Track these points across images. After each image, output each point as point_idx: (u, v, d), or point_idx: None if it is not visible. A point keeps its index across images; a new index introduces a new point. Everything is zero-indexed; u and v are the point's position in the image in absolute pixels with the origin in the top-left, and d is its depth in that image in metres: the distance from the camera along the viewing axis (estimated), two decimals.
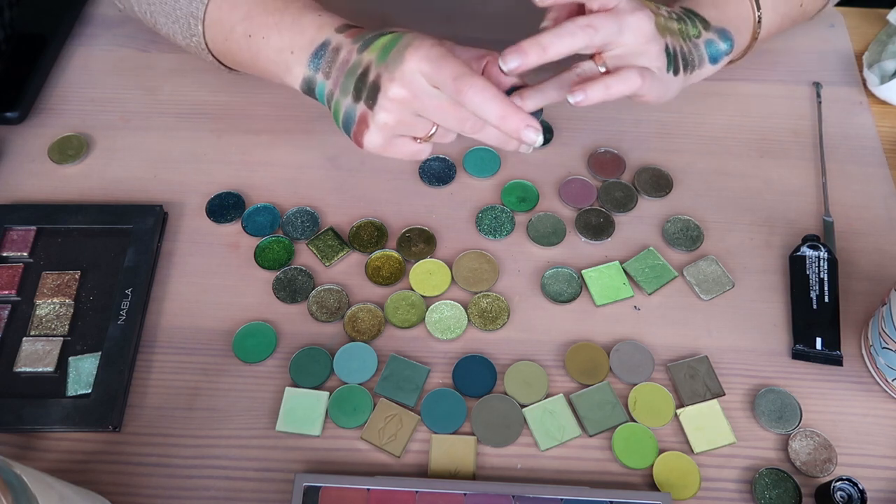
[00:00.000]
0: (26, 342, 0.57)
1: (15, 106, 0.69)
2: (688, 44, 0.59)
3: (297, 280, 0.61)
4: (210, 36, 0.62)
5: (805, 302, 0.59)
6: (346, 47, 0.56)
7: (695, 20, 0.60)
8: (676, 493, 0.52)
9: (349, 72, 0.55)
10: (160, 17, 0.63)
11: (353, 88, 0.55)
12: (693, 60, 0.60)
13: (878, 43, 0.75)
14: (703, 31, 0.60)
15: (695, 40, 0.60)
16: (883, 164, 0.69)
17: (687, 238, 0.63)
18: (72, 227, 0.62)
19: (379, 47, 0.54)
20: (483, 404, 0.55)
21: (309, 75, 0.57)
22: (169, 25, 0.63)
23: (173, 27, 0.63)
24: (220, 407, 0.55)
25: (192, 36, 0.62)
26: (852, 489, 0.50)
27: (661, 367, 0.57)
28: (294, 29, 0.58)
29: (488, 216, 0.64)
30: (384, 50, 0.54)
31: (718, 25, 0.61)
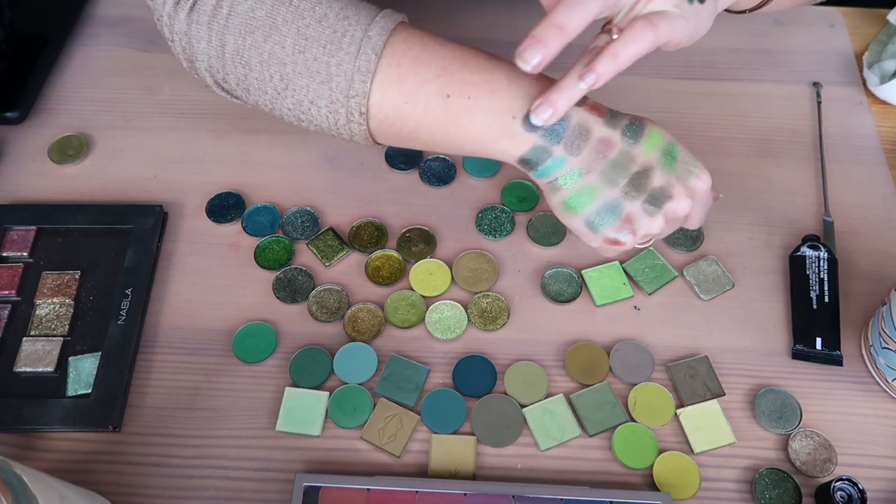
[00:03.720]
0: (26, 342, 0.57)
1: (15, 106, 0.69)
2: None
3: (297, 280, 0.61)
4: (380, 99, 0.50)
5: (805, 302, 0.59)
6: (598, 129, 0.49)
7: None
8: (676, 493, 0.52)
9: (618, 162, 0.49)
10: (298, 80, 0.50)
11: (626, 183, 0.49)
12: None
13: (878, 43, 0.75)
14: None
15: None
16: (883, 164, 0.69)
17: (687, 238, 0.63)
18: (72, 227, 0.62)
19: (658, 148, 0.50)
20: (483, 404, 0.55)
21: (542, 146, 0.49)
22: (312, 88, 0.50)
23: (319, 90, 0.50)
24: (220, 407, 0.55)
25: (350, 98, 0.49)
26: (852, 489, 0.50)
27: (661, 367, 0.57)
28: (513, 90, 0.49)
29: (488, 216, 0.64)
30: (669, 156, 0.50)
31: None
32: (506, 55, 0.76)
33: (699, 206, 0.52)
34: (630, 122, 0.50)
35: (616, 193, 0.50)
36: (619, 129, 0.50)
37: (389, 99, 0.50)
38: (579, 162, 0.50)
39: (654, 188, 0.50)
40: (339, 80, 0.49)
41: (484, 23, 0.78)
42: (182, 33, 0.51)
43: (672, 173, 0.50)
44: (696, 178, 0.50)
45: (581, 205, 0.50)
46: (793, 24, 0.79)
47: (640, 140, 0.50)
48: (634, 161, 0.50)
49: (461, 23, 0.78)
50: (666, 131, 0.51)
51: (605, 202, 0.50)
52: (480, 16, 0.78)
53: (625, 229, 0.50)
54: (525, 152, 0.50)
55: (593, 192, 0.50)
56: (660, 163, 0.50)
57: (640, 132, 0.50)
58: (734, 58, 0.76)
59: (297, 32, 0.49)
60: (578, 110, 0.50)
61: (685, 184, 0.50)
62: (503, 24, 0.78)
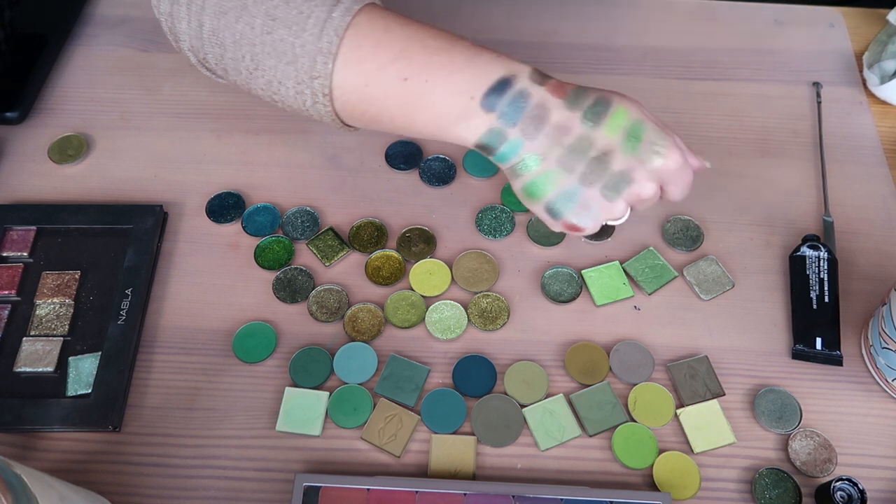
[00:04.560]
0: (26, 342, 0.57)
1: (15, 106, 0.69)
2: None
3: (297, 280, 0.61)
4: (342, 80, 0.50)
5: (805, 302, 0.59)
6: (558, 111, 0.49)
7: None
8: (676, 493, 0.52)
9: (576, 146, 0.49)
10: (267, 59, 0.50)
11: (585, 168, 0.49)
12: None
13: (878, 43, 0.75)
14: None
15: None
16: (883, 164, 0.69)
17: (687, 238, 0.63)
18: (72, 227, 0.62)
19: (621, 130, 0.49)
20: (483, 404, 0.55)
21: (498, 128, 0.49)
22: (279, 68, 0.50)
23: (286, 70, 0.50)
24: (220, 407, 0.55)
25: (314, 78, 0.50)
26: (852, 489, 0.50)
27: (661, 367, 0.57)
28: (472, 71, 0.49)
29: (488, 216, 0.64)
30: (633, 138, 0.49)
31: None
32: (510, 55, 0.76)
33: (675, 181, 0.51)
34: (595, 102, 0.49)
35: (574, 180, 0.50)
36: (580, 111, 0.49)
37: (351, 81, 0.50)
38: (535, 147, 0.49)
39: (613, 173, 0.49)
40: (303, 60, 0.49)
41: (485, 23, 0.78)
42: (167, 14, 0.53)
43: (634, 156, 0.49)
44: (662, 158, 0.49)
45: (540, 192, 0.51)
46: (793, 24, 0.79)
47: (601, 122, 0.49)
48: (593, 145, 0.49)
49: (462, 23, 0.78)
50: (635, 107, 0.50)
51: (563, 189, 0.50)
52: (481, 16, 0.79)
53: (583, 215, 0.51)
54: (482, 135, 0.50)
55: (551, 178, 0.50)
56: (621, 146, 0.49)
57: (604, 113, 0.49)
58: (734, 58, 0.76)
59: (266, 13, 0.50)
60: (540, 90, 0.49)
61: (648, 166, 0.49)
62: (504, 24, 0.78)
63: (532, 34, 0.77)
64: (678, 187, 0.52)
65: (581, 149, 0.49)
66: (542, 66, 0.52)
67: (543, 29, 0.78)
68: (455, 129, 0.50)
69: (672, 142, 0.50)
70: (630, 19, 0.79)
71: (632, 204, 0.51)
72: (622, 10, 0.80)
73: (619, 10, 0.80)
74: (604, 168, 0.49)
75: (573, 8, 0.80)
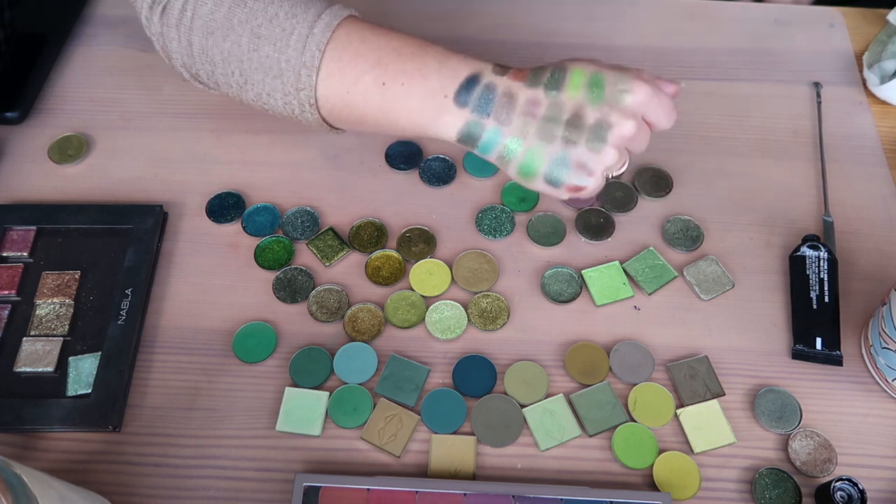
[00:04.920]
0: (26, 342, 0.57)
1: (15, 106, 0.69)
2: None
3: (297, 280, 0.61)
4: (325, 90, 0.54)
5: (805, 302, 0.59)
6: (523, 93, 0.52)
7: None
8: (676, 493, 0.52)
9: (548, 118, 0.51)
10: (255, 74, 0.54)
11: (563, 134, 0.51)
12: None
13: (878, 43, 0.75)
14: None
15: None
16: (883, 164, 0.69)
17: (687, 238, 0.63)
18: (72, 227, 0.62)
19: (582, 85, 0.51)
20: (483, 404, 0.55)
21: (474, 120, 0.52)
22: (267, 82, 0.54)
23: (273, 83, 0.54)
24: (220, 407, 0.55)
25: (300, 90, 0.53)
26: (852, 489, 0.50)
27: (661, 367, 0.57)
28: (442, 73, 0.52)
29: (488, 216, 0.64)
30: (592, 87, 0.51)
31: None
32: (508, 54, 0.76)
33: (654, 110, 0.53)
34: (552, 72, 0.52)
35: (558, 147, 0.52)
36: (542, 84, 0.52)
37: (334, 90, 0.54)
38: (513, 130, 0.52)
39: (591, 126, 0.51)
40: (288, 74, 0.53)
41: (485, 23, 0.78)
42: (158, 34, 0.56)
43: (603, 103, 0.51)
44: (631, 94, 0.51)
45: (533, 169, 0.53)
46: (793, 24, 0.79)
47: (563, 86, 0.52)
48: (563, 109, 0.52)
49: (462, 24, 0.78)
50: (590, 63, 0.53)
51: (552, 158, 0.52)
52: (481, 17, 0.78)
53: (581, 174, 0.52)
54: (460, 129, 0.53)
55: (537, 153, 0.52)
56: (588, 99, 0.51)
57: (563, 78, 0.52)
58: (734, 58, 0.76)
59: (251, 32, 0.53)
60: (503, 80, 0.52)
61: (620, 106, 0.51)
62: (504, 24, 0.78)
63: (532, 34, 0.77)
64: (660, 115, 0.53)
65: (554, 116, 0.52)
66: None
67: (543, 29, 0.78)
68: (434, 126, 0.53)
69: (634, 77, 0.52)
70: (630, 19, 0.79)
71: (619, 146, 0.52)
72: (622, 10, 0.80)
73: (619, 10, 0.80)
74: (580, 125, 0.51)
75: (573, 8, 0.80)
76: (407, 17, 0.78)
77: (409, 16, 0.78)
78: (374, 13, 0.77)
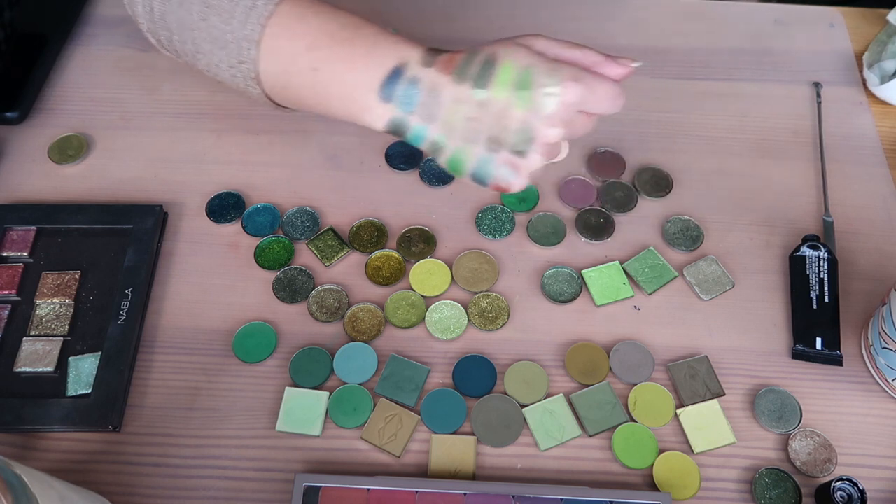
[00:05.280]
0: (26, 342, 0.57)
1: (15, 106, 0.69)
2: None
3: (297, 280, 0.61)
4: (265, 66, 0.53)
5: (805, 302, 0.59)
6: (448, 88, 0.50)
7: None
8: (676, 493, 0.52)
9: (472, 117, 0.50)
10: (204, 45, 0.54)
11: (487, 138, 0.50)
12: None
13: (878, 43, 0.75)
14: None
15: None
16: (883, 164, 0.69)
17: (687, 238, 0.63)
18: (72, 227, 0.62)
19: (509, 84, 0.49)
20: (483, 404, 0.55)
21: (398, 117, 0.51)
22: (215, 53, 0.54)
23: (219, 55, 0.54)
24: (220, 407, 0.55)
25: (242, 63, 0.53)
26: (852, 489, 0.50)
27: (661, 367, 0.57)
28: (369, 62, 0.51)
29: (488, 216, 0.64)
30: (522, 89, 0.49)
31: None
32: None
33: (592, 104, 0.50)
34: (481, 66, 0.50)
35: (482, 149, 0.51)
36: (470, 81, 0.49)
37: (273, 68, 0.53)
38: (438, 128, 0.51)
39: (515, 132, 0.50)
40: (232, 46, 0.53)
41: (485, 23, 0.78)
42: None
43: (529, 107, 0.49)
44: (555, 99, 0.49)
45: (460, 166, 0.52)
46: (793, 24, 0.79)
47: (491, 83, 0.49)
48: (488, 111, 0.50)
49: (462, 23, 0.78)
50: (521, 54, 0.50)
51: (478, 159, 0.51)
52: (481, 16, 0.78)
53: (506, 175, 0.52)
54: (386, 123, 0.52)
55: (462, 153, 0.51)
56: (514, 102, 0.49)
57: (491, 74, 0.49)
58: (734, 58, 0.76)
59: (202, 1, 0.53)
60: (429, 72, 0.50)
61: (544, 113, 0.49)
62: (504, 24, 0.78)
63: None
64: (601, 106, 0.51)
65: (478, 119, 0.50)
66: None
67: (543, 29, 0.77)
68: (363, 118, 0.52)
69: (564, 76, 0.49)
70: (630, 19, 0.79)
71: (545, 152, 0.51)
72: (622, 10, 0.80)
73: (619, 10, 0.80)
74: (504, 130, 0.50)
75: (573, 8, 0.80)
76: (407, 16, 0.78)
77: (410, 15, 0.78)
78: (374, 12, 0.78)
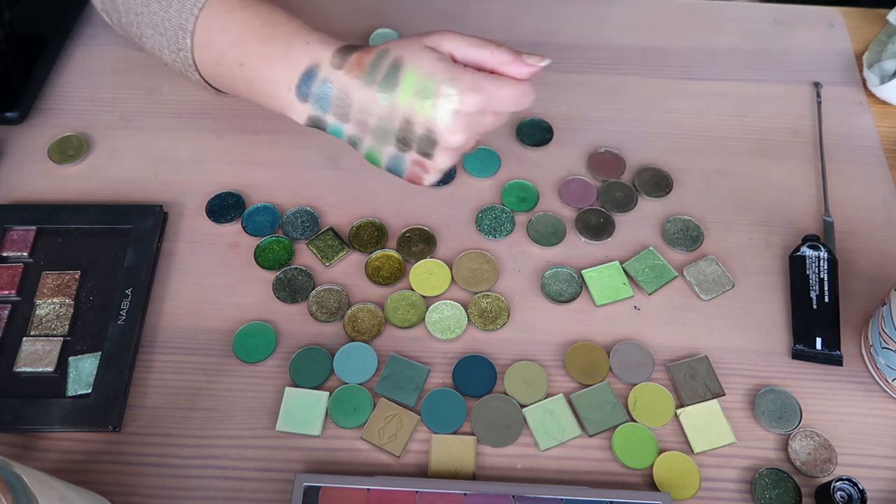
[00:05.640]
0: (26, 342, 0.57)
1: (15, 106, 0.69)
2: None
3: (297, 280, 0.61)
4: (199, 56, 0.56)
5: (805, 302, 0.59)
6: (357, 91, 0.52)
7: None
8: (676, 493, 0.52)
9: (382, 120, 0.53)
10: (147, 29, 0.57)
11: (396, 139, 0.53)
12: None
13: (878, 43, 0.75)
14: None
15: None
16: (883, 164, 0.69)
17: (687, 238, 0.63)
18: (72, 227, 0.62)
19: (412, 92, 0.51)
20: (483, 404, 0.55)
21: (316, 115, 0.54)
22: (156, 38, 0.57)
23: (160, 40, 0.57)
24: (220, 407, 0.55)
25: (180, 50, 0.56)
26: (852, 489, 0.50)
27: (661, 367, 0.57)
28: (286, 62, 0.53)
29: (488, 216, 0.64)
30: (422, 98, 0.51)
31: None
32: None
33: (496, 107, 0.52)
34: (388, 71, 0.52)
35: (393, 150, 0.54)
36: (377, 85, 0.52)
37: (205, 59, 0.56)
38: (352, 128, 0.54)
39: (419, 137, 0.53)
40: (170, 34, 0.56)
41: (485, 23, 0.78)
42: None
43: (431, 115, 0.51)
44: (454, 108, 0.51)
45: (375, 161, 0.56)
46: (793, 24, 0.79)
47: (396, 89, 0.52)
48: (394, 116, 0.52)
49: (462, 23, 0.78)
50: (426, 61, 0.51)
51: (389, 157, 0.55)
52: (481, 16, 0.79)
53: (418, 172, 0.55)
54: (306, 120, 0.55)
55: (376, 151, 0.55)
56: (416, 109, 0.52)
57: (396, 79, 0.51)
58: (734, 58, 0.76)
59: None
60: (339, 74, 0.52)
61: (445, 122, 0.51)
62: (504, 24, 0.78)
63: (532, 34, 0.77)
64: (505, 106, 0.53)
65: (385, 124, 0.53)
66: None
67: (543, 29, 0.78)
68: (287, 113, 0.55)
69: (464, 87, 0.51)
70: (630, 19, 0.79)
71: (450, 154, 0.54)
72: (622, 10, 0.80)
73: (619, 10, 0.80)
74: (410, 135, 0.53)
75: (573, 8, 0.80)
76: (407, 16, 0.78)
77: (410, 15, 0.78)
78: (375, 11, 0.78)
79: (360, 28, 0.77)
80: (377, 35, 0.76)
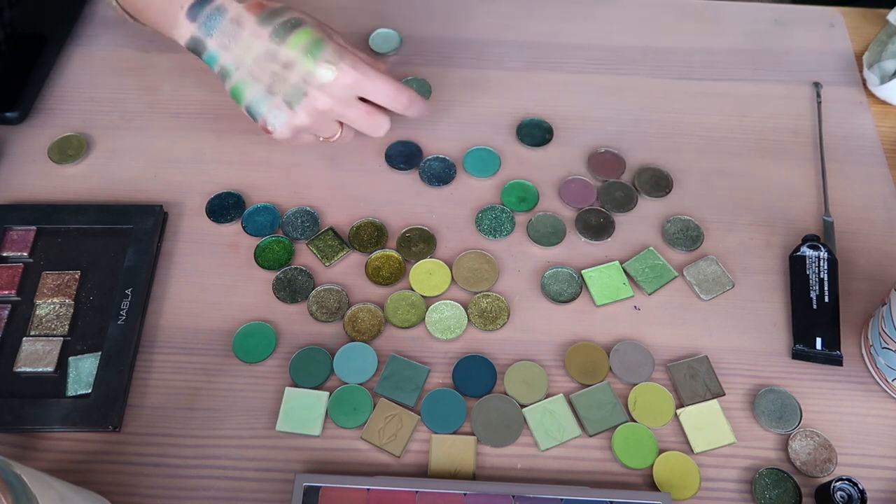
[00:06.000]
0: (26, 342, 0.57)
1: (15, 106, 0.69)
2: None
3: (297, 280, 0.61)
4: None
5: (805, 302, 0.59)
6: (250, 26, 0.57)
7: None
8: (676, 493, 0.52)
9: (261, 58, 0.57)
10: None
11: (268, 81, 0.57)
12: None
13: (878, 43, 0.75)
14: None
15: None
16: (883, 164, 0.69)
17: (687, 238, 0.63)
18: (72, 227, 0.62)
19: (300, 47, 0.56)
20: (483, 404, 0.55)
21: (198, 37, 0.58)
22: None
23: None
24: (220, 407, 0.55)
25: None
26: (852, 489, 0.50)
27: (661, 367, 0.57)
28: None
29: (488, 216, 0.64)
30: (309, 54, 0.56)
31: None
32: (509, 55, 0.76)
33: (371, 93, 0.58)
34: (284, 22, 0.57)
35: (261, 89, 0.58)
36: (271, 27, 0.57)
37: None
38: (230, 58, 0.58)
39: (291, 84, 0.57)
40: None
41: (485, 23, 0.78)
42: None
43: (308, 70, 0.56)
44: (332, 73, 0.56)
45: (239, 96, 0.59)
46: (793, 24, 0.79)
47: (286, 39, 0.56)
48: (276, 59, 0.57)
49: (462, 23, 0.78)
50: (323, 30, 0.58)
51: (254, 96, 0.58)
52: (481, 16, 0.78)
53: (272, 120, 0.59)
54: (187, 41, 0.59)
55: (245, 85, 0.58)
56: (300, 60, 0.56)
57: (290, 32, 0.57)
58: (734, 58, 0.76)
59: None
60: (237, 6, 0.57)
61: (319, 81, 0.57)
62: (504, 24, 0.78)
63: (532, 34, 0.77)
64: (378, 98, 0.59)
65: (266, 62, 0.57)
66: (543, 66, 0.52)
67: (543, 29, 0.78)
68: (172, 32, 0.59)
69: (347, 63, 0.57)
70: (630, 19, 0.79)
71: (311, 114, 0.58)
72: (622, 10, 0.80)
73: (620, 10, 0.80)
74: (283, 80, 0.57)
75: (573, 8, 0.80)
76: (407, 16, 0.77)
77: (410, 15, 0.78)
78: (375, 11, 0.78)
79: (360, 28, 0.77)
80: (377, 35, 0.76)
